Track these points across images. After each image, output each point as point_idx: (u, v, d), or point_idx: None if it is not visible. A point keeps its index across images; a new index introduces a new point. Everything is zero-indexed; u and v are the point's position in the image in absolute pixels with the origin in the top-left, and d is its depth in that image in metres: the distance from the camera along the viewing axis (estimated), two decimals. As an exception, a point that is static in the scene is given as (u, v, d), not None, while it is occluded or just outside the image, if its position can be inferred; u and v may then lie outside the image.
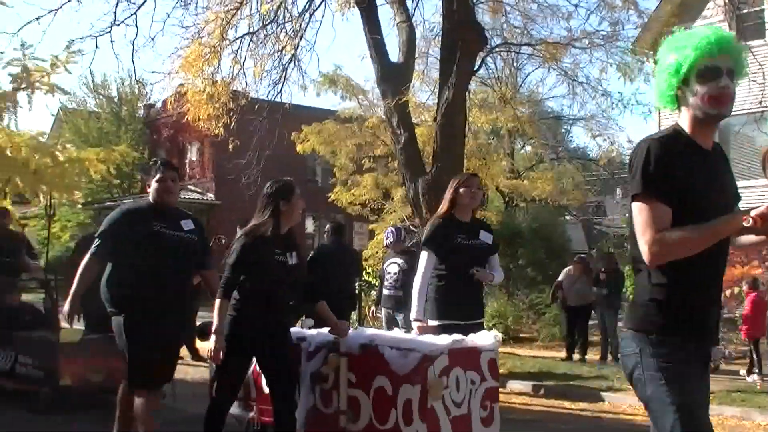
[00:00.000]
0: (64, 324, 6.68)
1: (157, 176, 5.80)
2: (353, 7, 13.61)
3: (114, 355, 6.19)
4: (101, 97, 38.58)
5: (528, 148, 33.88)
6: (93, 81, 37.96)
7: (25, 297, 11.80)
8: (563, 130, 39.69)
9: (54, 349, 8.28)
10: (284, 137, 16.02)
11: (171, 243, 5.73)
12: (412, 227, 16.12)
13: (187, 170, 35.10)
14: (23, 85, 24.26)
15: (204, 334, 5.75)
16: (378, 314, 11.60)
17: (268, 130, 14.77)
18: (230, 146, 14.83)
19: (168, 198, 5.89)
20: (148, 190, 5.86)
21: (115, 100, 38.35)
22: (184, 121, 16.28)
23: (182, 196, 31.91)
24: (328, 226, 10.59)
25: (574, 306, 14.72)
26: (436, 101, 13.75)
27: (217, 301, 5.34)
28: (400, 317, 9.88)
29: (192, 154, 35.02)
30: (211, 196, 33.50)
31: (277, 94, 14.70)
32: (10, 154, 23.78)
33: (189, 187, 33.89)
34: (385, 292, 10.36)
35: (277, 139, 14.91)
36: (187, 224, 5.92)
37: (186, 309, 6.23)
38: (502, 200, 28.68)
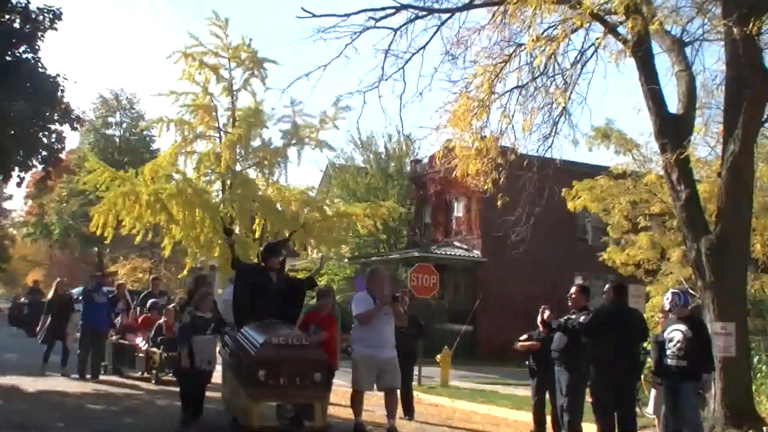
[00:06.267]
0: None
1: None
2: (628, 56, 13.02)
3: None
4: (368, 153, 39.37)
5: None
6: (360, 137, 39.01)
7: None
8: None
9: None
10: (554, 194, 15.68)
11: None
12: (692, 291, 15.01)
13: (454, 226, 35.03)
14: (293, 141, 25.82)
15: None
16: (657, 384, 10.78)
17: (537, 186, 14.39)
18: (499, 203, 14.62)
19: None
20: None
21: (382, 156, 39.02)
22: (452, 177, 16.22)
23: (448, 253, 31.97)
24: (608, 285, 10.11)
25: None
26: (720, 155, 12.90)
27: None
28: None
29: (459, 211, 34.78)
30: (477, 253, 32.67)
31: (548, 149, 14.47)
32: (280, 208, 25.27)
33: (455, 243, 33.73)
34: (669, 361, 9.65)
35: (547, 195, 14.55)
36: None
37: None
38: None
